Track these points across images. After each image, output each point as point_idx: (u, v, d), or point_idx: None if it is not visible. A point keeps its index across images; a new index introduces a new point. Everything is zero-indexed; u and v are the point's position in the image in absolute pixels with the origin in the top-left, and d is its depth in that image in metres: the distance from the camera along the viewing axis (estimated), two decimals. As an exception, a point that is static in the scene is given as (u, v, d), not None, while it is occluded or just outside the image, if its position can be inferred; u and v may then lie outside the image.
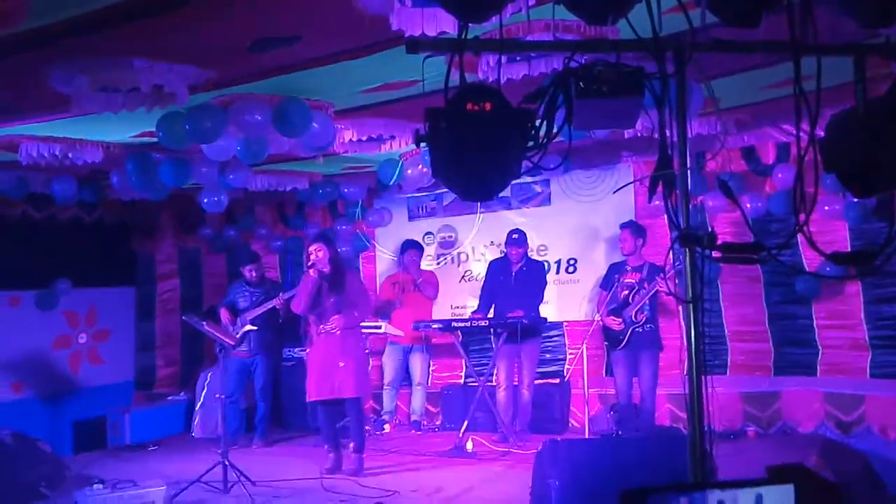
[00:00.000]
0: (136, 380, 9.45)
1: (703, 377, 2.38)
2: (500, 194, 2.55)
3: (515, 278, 7.18)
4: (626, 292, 6.56)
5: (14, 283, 8.13)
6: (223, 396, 6.04)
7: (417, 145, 2.31)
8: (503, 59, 3.75)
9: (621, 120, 2.36)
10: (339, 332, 6.04)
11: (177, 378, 9.45)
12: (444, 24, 3.29)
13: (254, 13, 3.36)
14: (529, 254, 7.56)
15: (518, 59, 3.88)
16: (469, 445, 6.57)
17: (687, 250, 2.32)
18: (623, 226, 6.76)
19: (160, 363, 9.47)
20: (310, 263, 6.19)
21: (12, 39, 3.48)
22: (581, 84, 2.23)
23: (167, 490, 5.25)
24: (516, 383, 7.17)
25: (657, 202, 2.50)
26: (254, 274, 7.65)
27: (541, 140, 2.24)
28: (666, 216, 2.33)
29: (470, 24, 2.37)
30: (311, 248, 6.19)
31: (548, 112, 2.28)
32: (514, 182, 2.52)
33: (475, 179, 2.35)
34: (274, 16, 3.37)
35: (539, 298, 7.26)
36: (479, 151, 2.26)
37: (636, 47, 2.25)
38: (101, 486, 5.16)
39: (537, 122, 2.30)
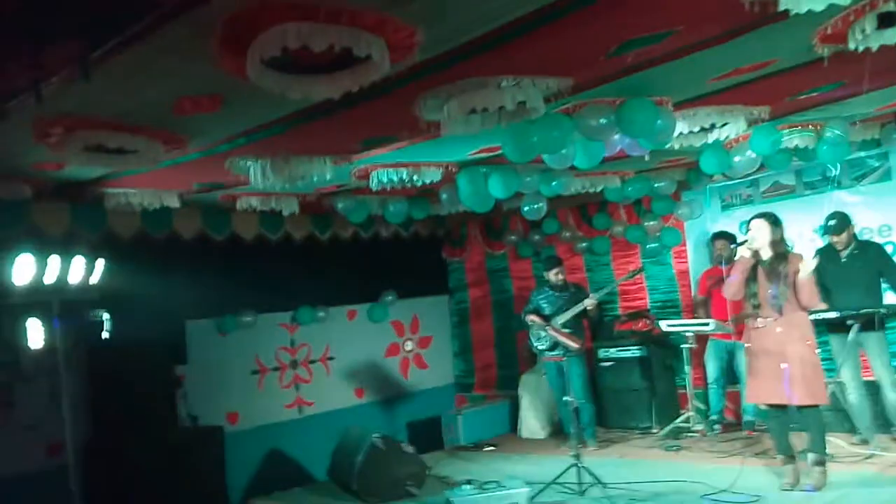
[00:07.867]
0: (456, 382, 10.04)
1: None
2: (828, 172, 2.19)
3: (845, 265, 6.52)
4: None
5: (350, 298, 8.99)
6: (569, 398, 6.20)
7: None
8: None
9: None
10: (778, 330, 5.22)
11: (492, 380, 9.86)
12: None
13: (627, 15, 3.33)
14: (869, 236, 6.84)
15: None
16: (824, 447, 6.07)
17: None
18: None
19: (477, 366, 9.96)
20: (742, 242, 5.44)
21: (395, 76, 3.74)
22: None
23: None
24: (869, 378, 6.53)
25: None
26: (559, 277, 7.75)
27: None
28: None
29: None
30: (751, 224, 5.41)
31: None
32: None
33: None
34: (651, 14, 3.31)
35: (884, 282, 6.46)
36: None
37: None
38: (469, 486, 5.47)
39: None
